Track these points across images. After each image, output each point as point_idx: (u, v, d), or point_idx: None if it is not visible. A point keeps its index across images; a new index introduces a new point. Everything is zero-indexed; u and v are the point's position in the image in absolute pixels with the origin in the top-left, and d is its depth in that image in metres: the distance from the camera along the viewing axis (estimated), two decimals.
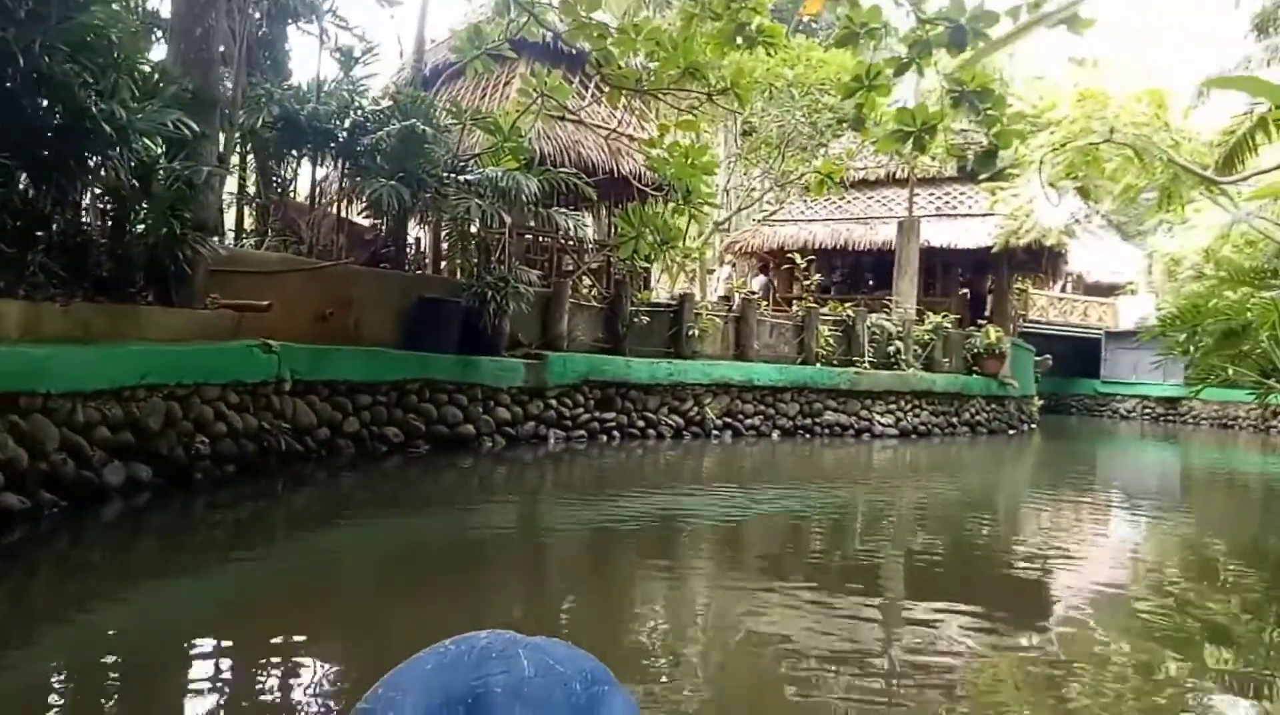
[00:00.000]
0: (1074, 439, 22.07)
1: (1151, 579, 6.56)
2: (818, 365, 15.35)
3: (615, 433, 12.63)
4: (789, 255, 18.97)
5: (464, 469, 10.31)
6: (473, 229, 11.54)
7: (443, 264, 13.48)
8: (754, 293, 20.18)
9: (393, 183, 9.87)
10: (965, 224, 19.90)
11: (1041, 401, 23.42)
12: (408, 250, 12.66)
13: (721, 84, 9.61)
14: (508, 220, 10.77)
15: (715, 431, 13.81)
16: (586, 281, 14.89)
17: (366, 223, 13.11)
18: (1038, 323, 28.74)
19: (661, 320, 13.80)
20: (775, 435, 14.55)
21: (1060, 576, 6.35)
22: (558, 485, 10.20)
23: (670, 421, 13.30)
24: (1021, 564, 6.74)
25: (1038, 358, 22.96)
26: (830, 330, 15.83)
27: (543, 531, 7.61)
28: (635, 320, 13.09)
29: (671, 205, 10.82)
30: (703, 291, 22.83)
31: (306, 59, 68.73)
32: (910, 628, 4.79)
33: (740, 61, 10.16)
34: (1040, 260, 20.57)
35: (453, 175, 10.76)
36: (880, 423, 15.84)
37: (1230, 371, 11.66)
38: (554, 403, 11.90)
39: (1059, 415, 29.70)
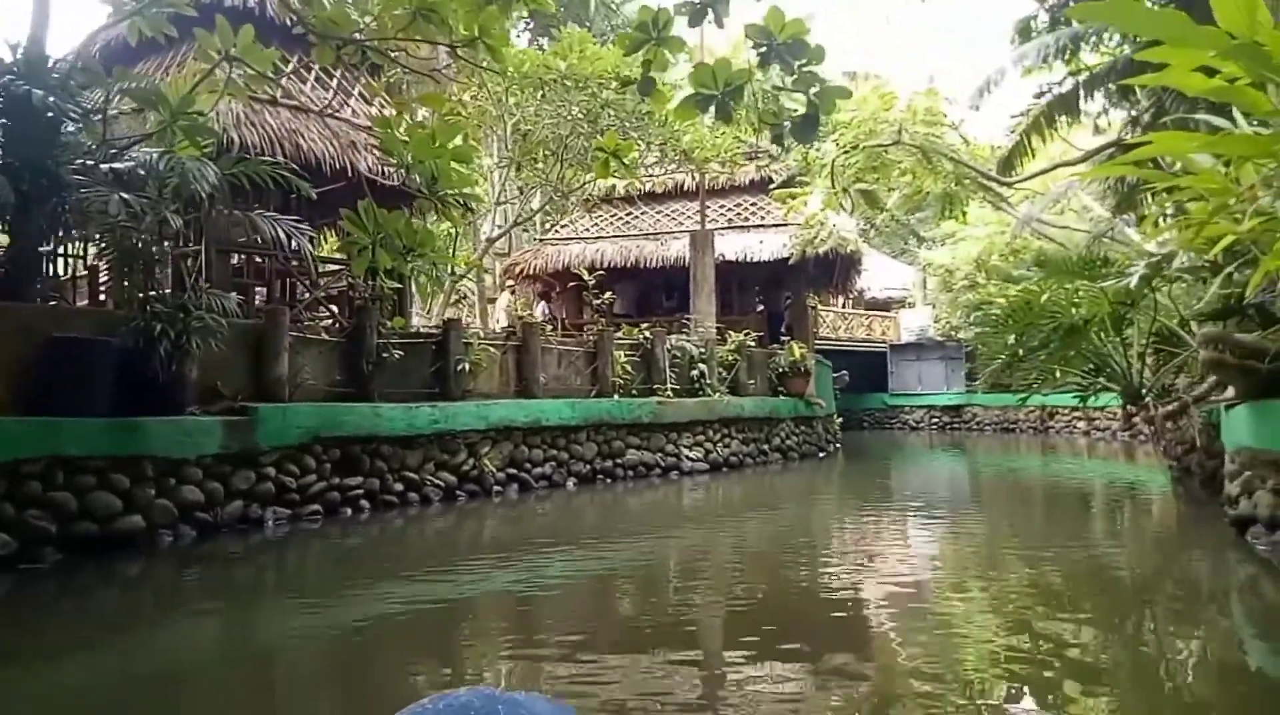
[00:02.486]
0: (878, 456, 21.37)
1: (985, 603, 6.16)
2: (615, 397, 13.19)
3: (364, 503, 9.74)
4: (576, 275, 16.80)
5: (127, 579, 7.18)
6: (142, 241, 8.35)
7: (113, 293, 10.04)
8: (543, 322, 17.89)
9: None
10: (760, 235, 18.66)
11: (840, 418, 22.74)
12: (43, 273, 9.16)
13: (468, 33, 7.20)
14: (176, 223, 7.73)
15: (497, 487, 11.23)
16: (328, 312, 11.92)
17: None
18: (828, 339, 28.49)
19: (421, 354, 11.08)
20: (570, 484, 12.17)
21: (882, 603, 6.14)
22: (277, 585, 7.29)
23: (438, 481, 10.56)
24: (848, 603, 6.25)
25: (835, 374, 22.23)
26: (627, 356, 13.74)
27: (250, 658, 5.07)
28: (385, 356, 10.30)
29: (419, 202, 8.18)
30: (484, 323, 20.22)
31: None
32: (734, 678, 4.40)
33: (493, 11, 7.80)
34: (834, 272, 19.71)
35: (95, 165, 7.63)
36: (689, 457, 13.89)
37: (1057, 373, 10.60)
38: (271, 471, 8.86)
39: (852, 430, 29.52)
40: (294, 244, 9.68)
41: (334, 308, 11.91)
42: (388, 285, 10.76)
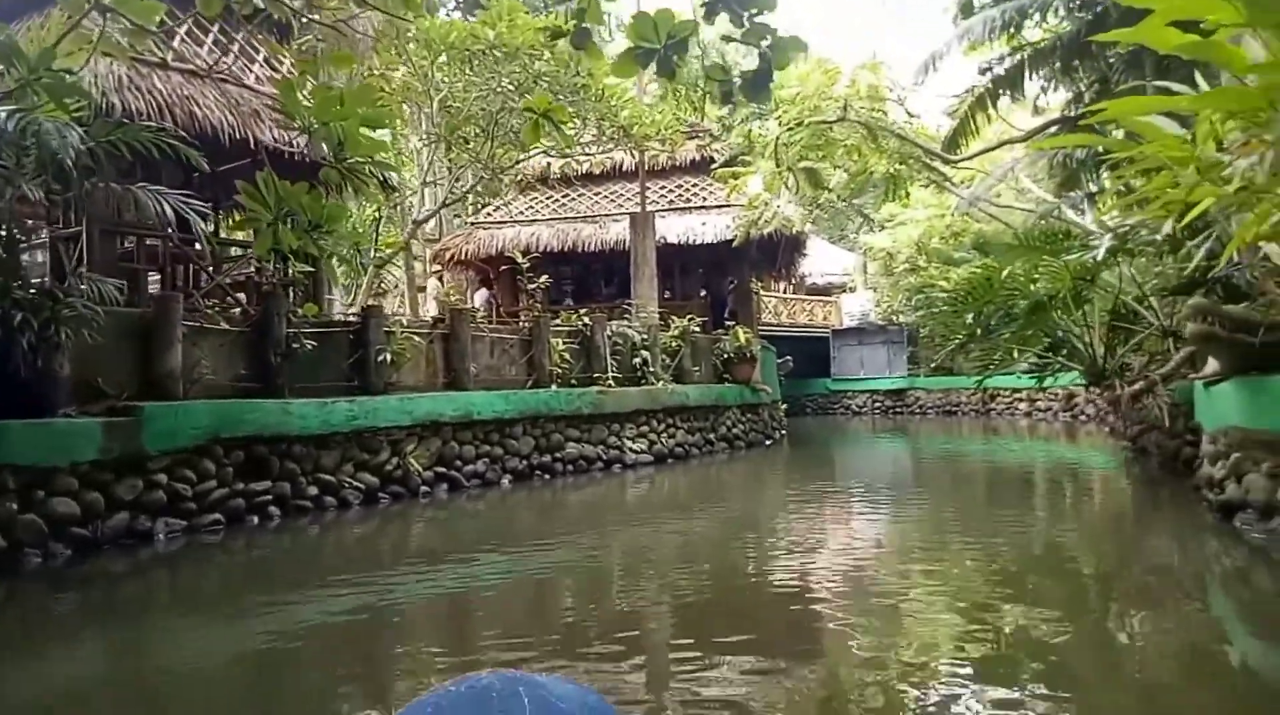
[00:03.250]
0: (825, 443, 20.97)
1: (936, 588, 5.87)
2: (553, 387, 12.38)
3: (273, 509, 8.78)
4: (510, 260, 15.90)
5: None
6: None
7: None
8: (475, 309, 16.97)
9: None
10: (703, 217, 17.99)
11: (784, 405, 22.28)
12: None
13: None
14: (35, 196, 6.69)
15: (425, 487, 10.34)
16: (234, 300, 10.84)
17: None
18: (771, 325, 28.03)
19: (338, 345, 10.13)
20: (505, 481, 11.34)
21: (842, 602, 5.74)
22: (169, 606, 6.41)
23: (358, 483, 9.64)
24: (800, 600, 5.92)
25: (779, 360, 21.74)
26: (565, 344, 12.94)
27: (133, 692, 4.43)
28: (296, 346, 9.32)
29: (324, 171, 7.23)
30: (414, 312, 19.18)
31: None
32: (681, 678, 4.16)
33: None
34: (778, 255, 19.16)
35: None
36: (632, 449, 13.17)
37: (1015, 353, 10.14)
38: (162, 478, 7.85)
39: (796, 416, 29.14)
40: (190, 224, 8.63)
41: (241, 295, 10.84)
42: (299, 269, 9.78)
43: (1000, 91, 16.90)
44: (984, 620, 4.90)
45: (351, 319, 10.68)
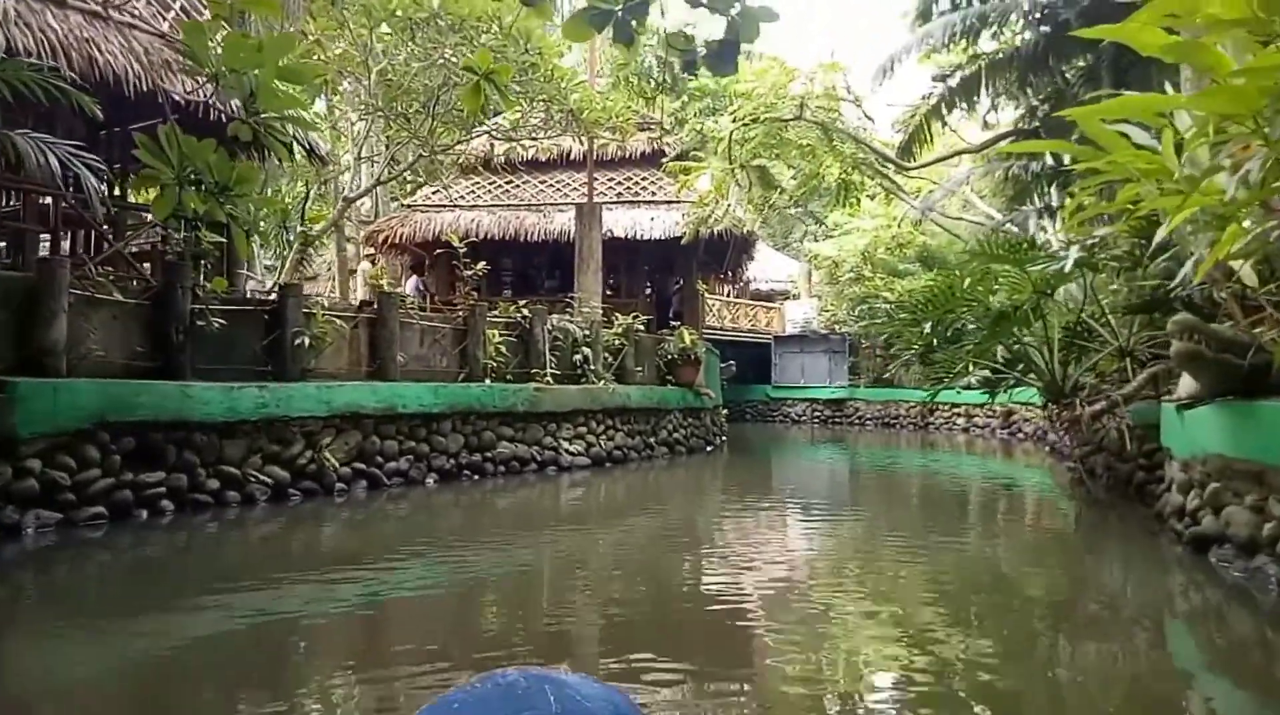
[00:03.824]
0: (766, 451, 20.59)
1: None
2: (487, 382, 11.65)
3: (166, 503, 7.89)
4: (448, 246, 15.08)
5: None
6: None
7: None
8: (406, 295, 16.10)
9: None
10: (651, 212, 17.41)
11: (725, 410, 21.88)
12: None
13: None
14: None
15: (341, 484, 9.53)
16: (136, 270, 9.86)
17: None
18: (714, 328, 27.64)
19: (251, 325, 9.25)
20: (431, 480, 10.57)
21: (778, 618, 5.50)
22: (30, 614, 5.52)
23: (266, 476, 8.78)
24: (735, 612, 5.61)
25: (723, 364, 21.31)
26: (502, 336, 12.21)
27: None
28: (201, 324, 8.44)
29: (233, 124, 6.40)
30: (345, 296, 18.20)
31: None
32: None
33: None
34: (727, 255, 18.70)
35: None
36: (568, 451, 12.50)
37: (970, 367, 9.78)
38: (35, 465, 6.94)
39: (736, 422, 28.76)
40: (82, 182, 7.70)
41: (147, 266, 9.88)
42: (210, 240, 8.89)
43: (956, 100, 16.72)
44: (935, 671, 4.39)
45: (267, 297, 9.80)
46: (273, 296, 9.74)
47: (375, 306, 10.63)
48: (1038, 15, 15.48)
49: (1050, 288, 8.77)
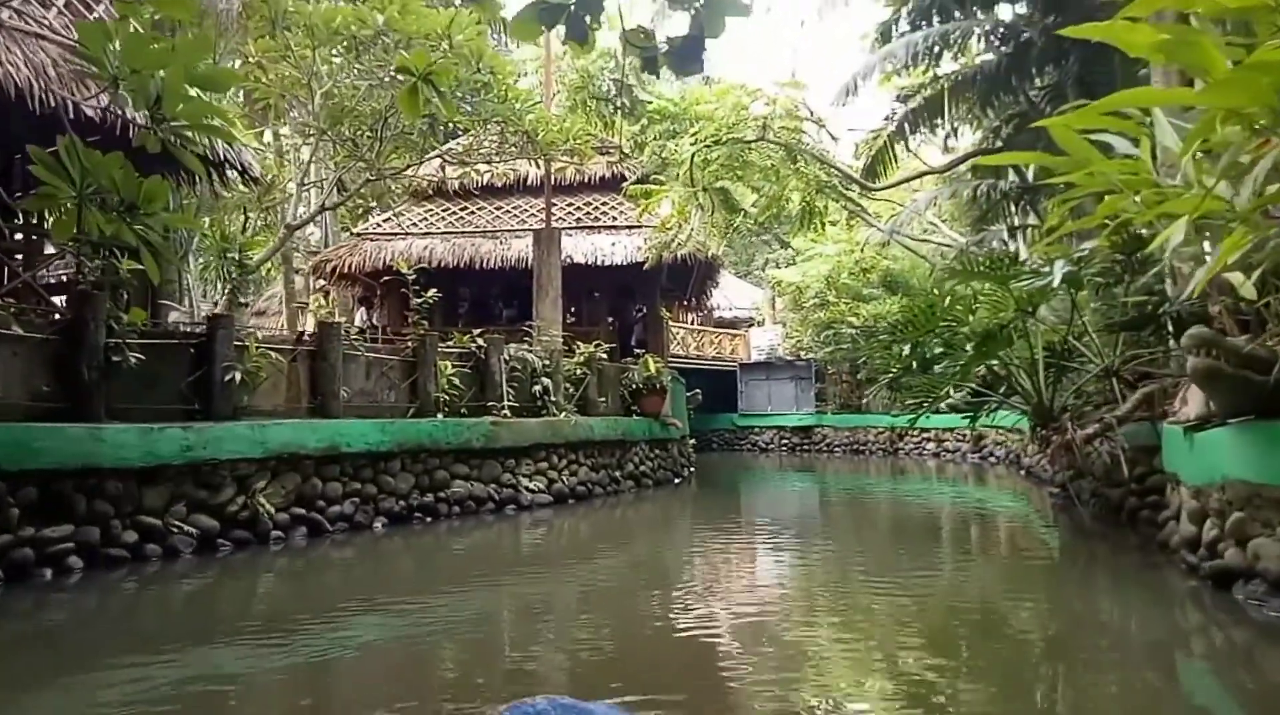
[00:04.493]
0: (736, 483, 19.94)
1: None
2: (440, 416, 10.91)
3: (75, 560, 7.04)
4: (401, 276, 14.38)
5: None
6: None
7: None
8: (351, 325, 15.33)
9: None
10: (612, 237, 16.87)
11: (692, 440, 21.27)
12: None
13: None
14: None
15: (278, 532, 8.71)
16: (49, 304, 9.04)
17: None
18: (679, 357, 27.12)
19: (175, 360, 8.46)
20: (379, 525, 9.78)
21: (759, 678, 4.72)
22: None
23: (191, 527, 7.96)
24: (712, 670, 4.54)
25: (688, 393, 20.74)
26: (456, 367, 11.50)
27: None
28: (117, 359, 7.65)
29: (144, 133, 5.68)
30: (293, 329, 17.34)
31: None
32: None
33: None
34: (690, 281, 18.20)
35: None
36: (528, 488, 11.77)
37: (950, 391, 9.28)
38: None
39: (703, 452, 28.17)
40: None
41: (62, 299, 9.06)
42: (129, 266, 8.11)
43: (920, 121, 16.50)
44: None
45: (193, 330, 9.02)
46: (201, 329, 8.96)
47: (316, 337, 9.88)
48: (999, 35, 15.33)
49: (1033, 306, 8.33)
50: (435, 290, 12.06)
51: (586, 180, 17.82)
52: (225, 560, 8.05)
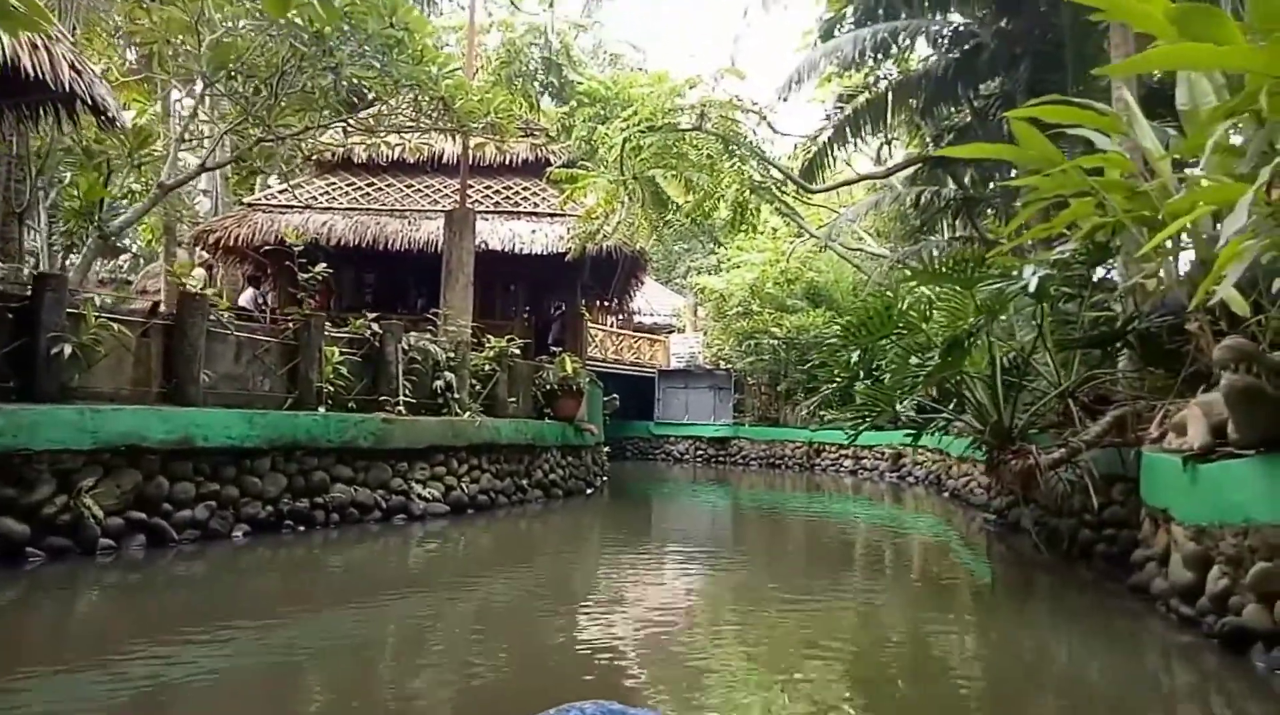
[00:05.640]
0: (651, 494, 18.91)
1: None
2: (322, 410, 9.54)
3: None
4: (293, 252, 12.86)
5: None
6: None
7: None
8: (243, 309, 13.76)
9: None
10: (532, 224, 15.66)
11: (607, 448, 20.18)
12: None
13: None
14: None
15: (108, 541, 7.23)
16: None
17: None
18: (597, 360, 26.03)
19: None
20: (239, 533, 8.36)
21: None
22: None
23: None
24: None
25: (606, 398, 19.65)
26: (344, 354, 10.14)
27: None
28: None
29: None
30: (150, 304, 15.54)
31: None
32: None
33: None
34: (615, 276, 17.14)
35: None
36: (422, 496, 10.46)
37: (898, 406, 8.42)
38: None
39: (616, 460, 27.06)
40: None
41: None
42: None
43: (861, 124, 15.85)
44: None
45: (15, 292, 7.47)
46: (22, 291, 7.42)
47: (174, 309, 8.42)
48: (947, 38, 14.78)
49: (995, 312, 7.53)
50: (325, 265, 10.65)
51: (508, 162, 16.58)
52: (33, 573, 6.58)
